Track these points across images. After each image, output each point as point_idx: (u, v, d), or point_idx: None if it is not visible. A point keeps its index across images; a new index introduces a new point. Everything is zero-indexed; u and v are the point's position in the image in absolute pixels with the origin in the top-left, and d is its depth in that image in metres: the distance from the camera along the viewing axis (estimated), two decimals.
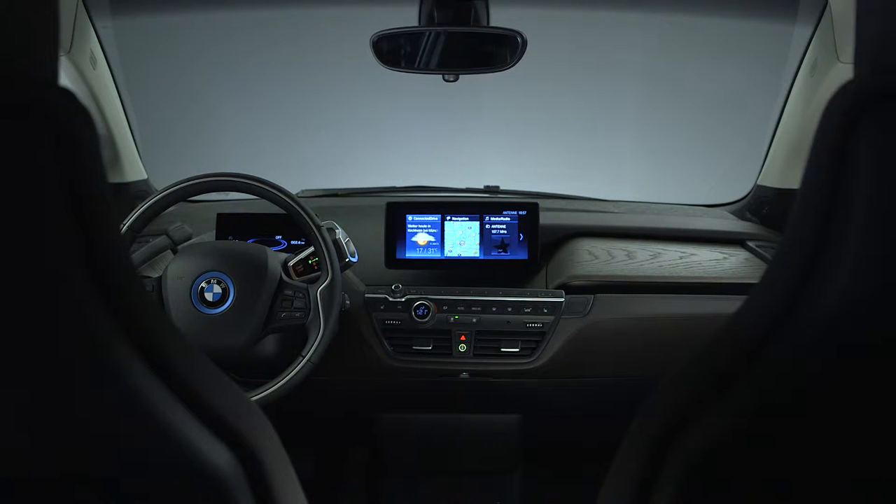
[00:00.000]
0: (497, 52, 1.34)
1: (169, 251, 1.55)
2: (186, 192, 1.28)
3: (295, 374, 1.23)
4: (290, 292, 1.26)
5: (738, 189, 1.98)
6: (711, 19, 2.17)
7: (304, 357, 1.24)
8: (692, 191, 2.31)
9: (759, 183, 1.84)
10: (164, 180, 1.30)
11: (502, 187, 1.87)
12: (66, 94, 0.41)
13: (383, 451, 1.68)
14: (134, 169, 1.80)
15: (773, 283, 0.43)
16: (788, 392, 0.41)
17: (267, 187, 1.27)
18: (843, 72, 1.41)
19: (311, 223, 1.27)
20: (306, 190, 1.90)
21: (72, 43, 1.44)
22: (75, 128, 0.41)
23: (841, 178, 0.40)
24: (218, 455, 0.45)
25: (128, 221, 1.27)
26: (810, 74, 1.55)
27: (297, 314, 1.25)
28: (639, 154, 2.68)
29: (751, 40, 2.30)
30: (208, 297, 1.24)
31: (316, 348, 1.24)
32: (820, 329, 0.40)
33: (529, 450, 1.69)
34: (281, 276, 1.28)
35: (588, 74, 2.62)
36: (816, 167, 0.41)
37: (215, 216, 1.58)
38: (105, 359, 0.42)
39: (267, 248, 1.33)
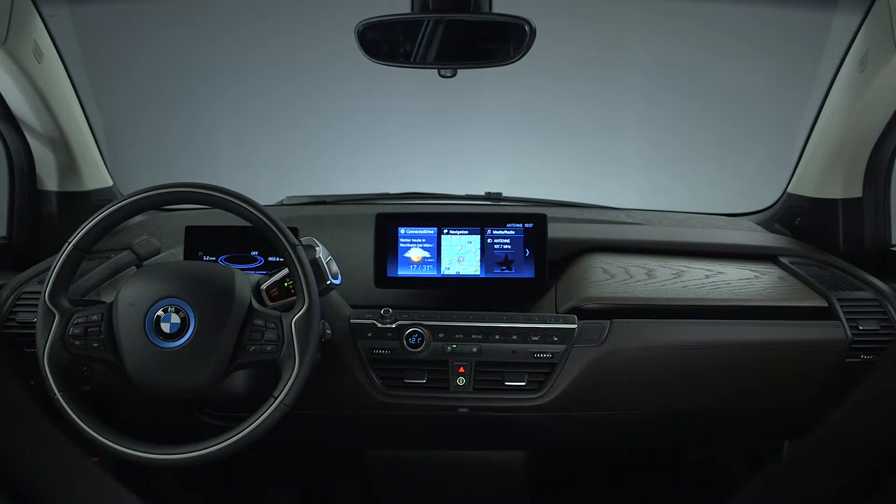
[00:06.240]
0: (501, 43, 1.17)
1: (134, 268, 1.38)
2: (137, 208, 1.11)
3: (265, 419, 1.06)
4: (260, 322, 1.09)
5: (759, 196, 1.81)
6: (730, 7, 2.02)
7: (275, 398, 1.06)
8: (706, 197, 2.16)
9: (789, 191, 1.67)
10: (138, 187, 1.12)
11: (505, 194, 1.74)
12: None
13: (374, 489, 1.52)
14: (96, 175, 1.62)
15: None
16: None
17: (233, 199, 1.10)
18: None
19: (284, 241, 1.10)
20: (292, 197, 1.76)
21: (8, 32, 1.26)
22: None
23: None
24: None
25: (73, 239, 1.10)
26: (859, 69, 1.37)
27: (269, 348, 1.08)
28: (650, 158, 2.53)
29: (775, 31, 2.14)
30: (165, 327, 1.07)
31: (289, 389, 1.06)
32: None
33: (536, 488, 1.53)
34: (251, 303, 1.11)
35: (595, 73, 2.47)
36: None
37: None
38: None
39: (235, 269, 1.15)
